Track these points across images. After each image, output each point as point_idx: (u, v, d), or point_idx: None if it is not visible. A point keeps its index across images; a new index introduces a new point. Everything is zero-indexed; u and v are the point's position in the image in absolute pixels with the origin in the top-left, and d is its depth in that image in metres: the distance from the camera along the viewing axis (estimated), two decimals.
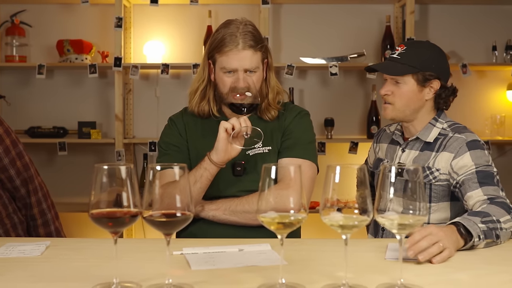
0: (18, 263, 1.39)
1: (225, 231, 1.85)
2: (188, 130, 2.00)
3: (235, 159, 1.88)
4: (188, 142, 1.99)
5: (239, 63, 1.86)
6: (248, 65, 1.87)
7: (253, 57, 1.87)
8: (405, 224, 1.19)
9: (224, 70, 1.88)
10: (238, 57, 1.86)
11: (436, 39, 3.66)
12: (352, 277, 1.25)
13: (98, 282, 1.21)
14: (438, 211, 1.93)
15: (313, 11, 3.71)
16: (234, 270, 1.33)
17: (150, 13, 3.65)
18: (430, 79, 1.94)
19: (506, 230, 1.60)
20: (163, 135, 2.04)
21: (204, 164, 1.81)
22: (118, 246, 1.20)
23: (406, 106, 1.95)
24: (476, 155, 1.84)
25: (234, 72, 1.87)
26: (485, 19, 3.72)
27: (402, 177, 1.20)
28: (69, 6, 3.61)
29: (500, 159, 3.68)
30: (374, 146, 2.23)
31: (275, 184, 1.16)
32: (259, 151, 1.94)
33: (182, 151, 1.97)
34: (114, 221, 1.16)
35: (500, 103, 3.75)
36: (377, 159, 2.17)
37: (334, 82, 3.67)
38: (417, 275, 1.30)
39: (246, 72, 1.87)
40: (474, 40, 3.70)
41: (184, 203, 1.16)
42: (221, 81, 1.91)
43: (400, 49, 1.97)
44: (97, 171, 1.16)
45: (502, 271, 1.35)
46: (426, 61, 1.93)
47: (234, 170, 1.92)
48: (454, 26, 3.71)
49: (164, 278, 1.20)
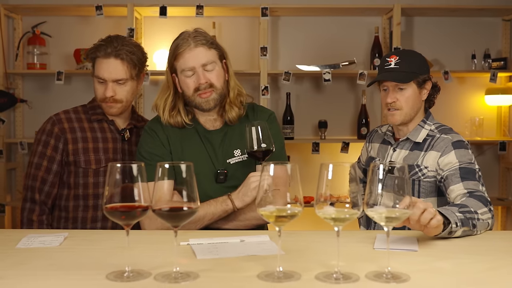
0: (39, 253, 1.39)
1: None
2: (170, 140, 1.89)
3: (217, 167, 1.86)
4: (172, 153, 1.88)
5: (194, 60, 1.81)
6: (204, 59, 1.81)
7: (207, 53, 1.82)
8: (392, 217, 1.19)
9: (184, 72, 1.82)
10: (192, 55, 1.81)
11: (420, 48, 3.68)
12: (343, 265, 1.25)
13: (112, 270, 1.21)
14: None
15: (308, 23, 3.71)
16: (236, 259, 1.33)
17: (159, 24, 3.65)
18: (426, 81, 1.99)
19: (483, 221, 1.60)
20: (143, 144, 1.90)
21: (223, 206, 1.77)
22: (130, 237, 1.20)
23: (411, 108, 1.97)
24: (460, 153, 1.85)
25: (193, 71, 1.82)
26: (465, 30, 3.72)
27: (392, 174, 1.20)
28: (86, 18, 3.61)
29: (479, 158, 3.68)
30: (366, 146, 2.23)
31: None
32: (239, 159, 1.89)
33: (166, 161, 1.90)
34: (126, 215, 1.17)
35: (478, 106, 3.75)
36: (369, 158, 2.17)
37: (327, 87, 3.67)
38: (403, 263, 1.30)
39: (204, 68, 1.81)
40: (455, 49, 3.70)
41: (190, 198, 1.16)
42: (184, 84, 1.84)
43: (393, 60, 1.97)
44: (111, 168, 1.16)
45: (481, 260, 1.35)
46: (421, 66, 1.98)
47: (217, 178, 1.87)
48: (437, 37, 3.71)
49: (172, 266, 1.20)
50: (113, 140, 2.08)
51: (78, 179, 2.01)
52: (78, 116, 2.09)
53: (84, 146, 2.03)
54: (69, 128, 2.04)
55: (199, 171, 1.76)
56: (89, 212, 2.01)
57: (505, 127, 3.73)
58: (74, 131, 2.04)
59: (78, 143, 2.03)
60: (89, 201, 2.01)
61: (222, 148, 1.89)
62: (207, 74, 1.81)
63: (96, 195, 2.02)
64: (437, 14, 3.67)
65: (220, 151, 1.89)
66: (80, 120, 2.08)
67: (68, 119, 2.07)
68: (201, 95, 1.81)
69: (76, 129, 2.05)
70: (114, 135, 2.09)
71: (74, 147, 2.02)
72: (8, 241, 1.50)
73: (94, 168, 2.02)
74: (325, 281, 1.15)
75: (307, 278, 1.18)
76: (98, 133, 2.07)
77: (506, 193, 3.76)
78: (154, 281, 1.16)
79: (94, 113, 2.09)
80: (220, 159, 1.88)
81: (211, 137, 1.90)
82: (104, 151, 2.05)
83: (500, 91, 3.60)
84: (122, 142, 2.09)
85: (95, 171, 2.02)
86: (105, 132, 2.08)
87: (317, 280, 1.16)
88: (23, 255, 1.37)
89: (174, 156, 1.87)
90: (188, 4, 3.44)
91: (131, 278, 1.17)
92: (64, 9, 3.52)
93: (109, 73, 1.98)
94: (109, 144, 2.07)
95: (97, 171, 2.02)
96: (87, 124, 2.08)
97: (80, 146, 2.03)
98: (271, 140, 1.74)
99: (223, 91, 1.86)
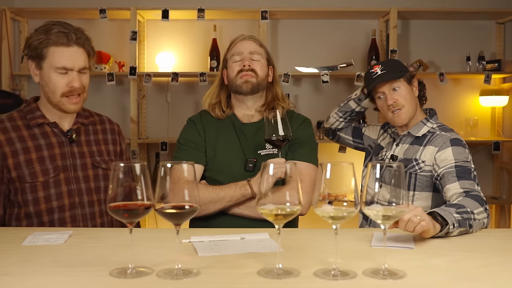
0: (44, 250, 1.39)
1: (239, 223, 1.85)
2: (206, 130, 2.01)
3: (247, 156, 1.93)
4: (206, 141, 1.99)
5: (244, 46, 1.99)
6: (252, 48, 1.99)
7: (256, 47, 2.01)
8: (389, 216, 1.19)
9: (233, 57, 1.99)
10: (243, 43, 2.00)
11: (416, 51, 3.69)
12: (341, 262, 1.25)
13: (116, 267, 1.21)
14: (421, 200, 1.95)
15: (307, 26, 3.71)
16: (237, 256, 1.33)
17: (161, 27, 3.65)
18: (412, 78, 2.05)
19: (478, 221, 1.60)
20: (183, 133, 2.04)
21: (242, 190, 1.82)
22: (133, 235, 1.20)
23: (411, 104, 2.02)
24: (457, 151, 1.87)
25: (241, 56, 1.98)
26: (460, 33, 3.72)
27: (392, 167, 1.20)
28: (90, 21, 3.61)
29: (473, 157, 3.64)
30: (380, 131, 2.24)
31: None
32: (269, 152, 1.95)
33: (199, 148, 1.97)
34: (129, 213, 1.16)
35: (473, 107, 3.75)
36: (378, 145, 2.20)
37: (326, 88, 3.67)
38: (400, 260, 1.30)
39: (251, 56, 1.98)
40: (450, 52, 3.70)
41: (191, 197, 1.15)
42: (230, 69, 2.00)
43: (378, 68, 2.03)
44: (114, 168, 1.16)
45: (475, 257, 1.35)
46: (402, 66, 2.05)
47: (246, 166, 1.92)
48: (433, 39, 3.71)
49: (174, 263, 1.20)
50: (59, 145, 1.80)
51: (26, 195, 1.73)
52: (14, 124, 1.79)
53: (27, 157, 1.74)
54: (6, 140, 1.75)
55: (230, 158, 1.92)
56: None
57: (499, 128, 3.73)
58: (12, 143, 1.75)
59: (19, 156, 1.73)
60: (43, 217, 1.74)
61: (254, 139, 1.97)
62: (252, 61, 1.97)
63: (50, 210, 1.75)
64: (433, 17, 3.67)
65: (252, 142, 1.96)
66: (18, 128, 1.78)
67: (3, 130, 1.77)
68: (242, 76, 1.95)
69: (14, 139, 1.75)
70: (60, 139, 1.81)
71: (15, 160, 1.73)
72: (14, 239, 1.50)
73: (42, 181, 1.74)
74: (323, 278, 1.15)
75: (306, 274, 1.18)
76: (40, 139, 1.78)
77: (500, 192, 3.76)
78: (157, 278, 1.16)
79: (32, 117, 1.80)
80: (252, 149, 1.96)
81: (245, 129, 2.00)
82: (50, 159, 1.77)
83: (494, 92, 3.61)
84: (70, 144, 1.82)
85: (44, 183, 1.74)
86: (48, 137, 1.80)
87: (316, 277, 1.16)
88: (29, 253, 1.37)
89: (207, 143, 1.98)
90: (190, 8, 3.44)
91: (134, 275, 1.16)
92: (68, 12, 3.53)
93: (73, 61, 1.74)
94: (55, 150, 1.79)
95: (47, 183, 1.74)
96: (26, 131, 1.78)
97: (22, 158, 1.74)
98: (289, 129, 1.81)
99: (263, 83, 2.00)
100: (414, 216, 1.40)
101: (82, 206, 1.80)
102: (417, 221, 1.40)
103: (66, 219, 1.77)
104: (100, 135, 1.94)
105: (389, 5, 3.50)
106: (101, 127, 1.97)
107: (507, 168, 3.69)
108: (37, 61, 1.77)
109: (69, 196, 1.78)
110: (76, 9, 3.51)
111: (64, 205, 1.77)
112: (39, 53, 1.75)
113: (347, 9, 3.52)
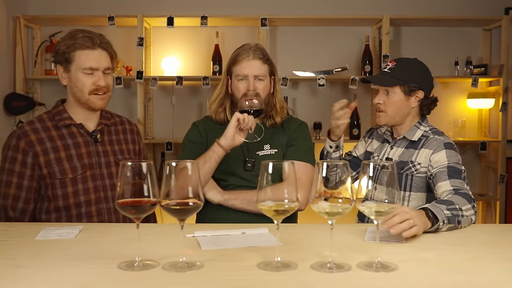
0: (56, 244, 1.39)
1: (241, 218, 1.85)
2: (208, 133, 2.03)
3: (246, 157, 1.93)
4: (208, 142, 2.01)
5: (249, 70, 1.94)
6: (257, 71, 1.95)
7: (261, 67, 1.96)
8: (381, 211, 1.19)
9: (238, 77, 1.95)
10: (249, 65, 1.94)
11: (407, 56, 3.66)
12: (337, 256, 1.25)
13: (123, 260, 1.21)
14: (416, 200, 1.95)
15: (304, 32, 3.71)
16: (238, 250, 1.33)
17: (166, 34, 3.65)
18: (415, 90, 1.97)
19: (466, 217, 1.60)
20: (187, 135, 2.07)
21: (213, 148, 1.84)
22: (140, 230, 1.20)
23: (395, 113, 1.98)
24: (450, 154, 1.88)
25: (246, 78, 1.94)
26: (449, 39, 3.72)
27: (387, 169, 1.20)
28: (98, 28, 3.60)
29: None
30: (365, 140, 2.23)
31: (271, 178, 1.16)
32: (267, 152, 1.97)
33: (201, 148, 1.99)
34: (136, 209, 1.17)
35: (461, 109, 3.75)
36: (366, 152, 2.19)
37: (322, 92, 3.67)
38: (391, 254, 1.30)
39: (255, 79, 1.94)
40: (439, 57, 3.70)
41: (195, 193, 1.16)
42: (235, 88, 1.97)
43: (391, 64, 2.00)
44: (122, 166, 1.16)
45: (463, 251, 1.35)
46: (411, 76, 1.96)
47: (245, 165, 1.95)
48: (423, 45, 3.71)
49: (178, 257, 1.20)
50: (85, 144, 1.85)
51: (56, 190, 1.78)
52: (44, 125, 1.84)
53: (56, 156, 1.80)
54: (37, 140, 1.80)
55: (230, 158, 1.92)
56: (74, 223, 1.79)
57: (486, 129, 3.73)
58: (43, 142, 1.80)
59: (50, 154, 1.79)
60: (71, 211, 1.79)
61: (253, 142, 1.96)
62: (256, 84, 1.95)
63: (78, 204, 1.79)
64: (423, 24, 3.67)
65: (251, 144, 1.96)
66: (47, 129, 1.84)
67: (34, 130, 1.82)
68: (247, 100, 1.92)
69: (45, 139, 1.81)
70: (86, 139, 1.86)
71: (45, 158, 1.78)
72: (28, 233, 1.50)
73: (71, 177, 1.79)
74: (319, 270, 1.15)
75: (303, 267, 1.18)
76: (68, 139, 1.84)
77: (486, 189, 3.76)
78: (162, 270, 1.16)
79: (60, 119, 1.85)
80: (251, 151, 1.98)
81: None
82: (78, 157, 1.82)
83: (481, 95, 3.61)
84: (95, 144, 1.87)
85: (73, 180, 1.79)
86: (75, 137, 1.85)
87: (312, 270, 1.16)
88: (42, 246, 1.37)
89: (209, 144, 1.96)
90: (194, 15, 3.44)
91: (141, 268, 1.17)
92: (79, 20, 3.52)
93: (98, 62, 1.81)
94: (82, 149, 1.84)
95: (75, 180, 1.79)
96: (55, 132, 1.84)
97: (52, 156, 1.79)
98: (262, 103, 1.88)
99: (266, 100, 1.98)
100: (407, 222, 1.40)
101: (106, 200, 1.84)
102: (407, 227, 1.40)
103: (92, 213, 1.81)
104: (121, 135, 1.98)
105: (381, 13, 3.50)
106: (122, 127, 2.01)
107: (493, 167, 3.69)
108: (65, 65, 1.84)
109: (95, 192, 1.82)
110: (86, 17, 3.51)
111: (90, 199, 1.81)
112: (66, 57, 1.82)
113: (342, 17, 3.52)
